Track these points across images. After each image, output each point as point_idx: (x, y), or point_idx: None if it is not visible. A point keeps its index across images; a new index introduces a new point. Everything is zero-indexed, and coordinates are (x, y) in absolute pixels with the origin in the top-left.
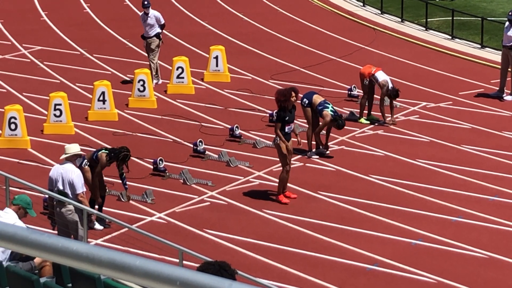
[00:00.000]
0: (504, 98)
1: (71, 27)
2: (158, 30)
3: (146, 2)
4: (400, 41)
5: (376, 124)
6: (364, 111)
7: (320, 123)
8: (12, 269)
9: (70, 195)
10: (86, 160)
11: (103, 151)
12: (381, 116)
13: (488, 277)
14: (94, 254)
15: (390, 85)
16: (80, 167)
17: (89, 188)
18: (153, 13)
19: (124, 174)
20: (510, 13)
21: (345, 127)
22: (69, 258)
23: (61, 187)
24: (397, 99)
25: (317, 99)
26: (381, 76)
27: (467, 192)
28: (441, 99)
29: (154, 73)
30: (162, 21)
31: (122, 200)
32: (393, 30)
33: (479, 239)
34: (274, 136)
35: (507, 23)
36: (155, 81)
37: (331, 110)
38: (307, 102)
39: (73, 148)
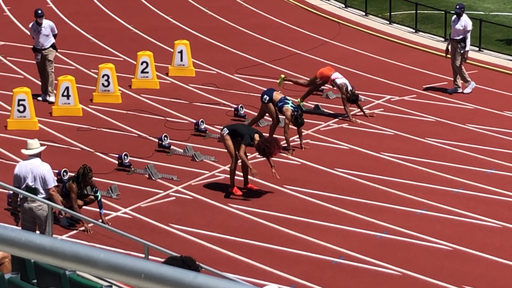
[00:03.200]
0: (464, 92)
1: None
2: (53, 40)
3: (40, 11)
4: (364, 34)
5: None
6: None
7: (285, 122)
8: None
9: (41, 190)
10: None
11: (70, 181)
12: (348, 116)
13: (452, 268)
14: (58, 248)
15: (349, 87)
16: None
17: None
18: (47, 23)
19: (100, 195)
20: (457, 7)
21: (311, 121)
22: (33, 252)
23: (30, 183)
24: (358, 96)
25: (277, 95)
26: (339, 79)
27: (431, 184)
28: (405, 92)
29: (51, 88)
30: (56, 31)
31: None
32: (357, 24)
33: (443, 231)
34: (222, 128)
35: (454, 16)
36: (51, 98)
37: (291, 106)
38: (268, 98)
39: (38, 144)
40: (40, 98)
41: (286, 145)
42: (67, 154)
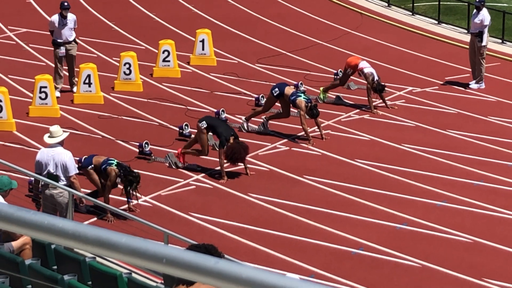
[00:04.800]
0: (470, 85)
1: (56, 9)
2: (75, 34)
3: (66, 4)
4: (386, 25)
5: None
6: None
7: (301, 114)
8: None
9: (62, 177)
10: (92, 165)
11: (114, 165)
12: (370, 106)
13: (472, 261)
14: (80, 232)
15: (376, 77)
16: (84, 168)
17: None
18: (71, 16)
19: (130, 191)
20: (477, 0)
21: (332, 112)
22: (55, 236)
23: (52, 170)
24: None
25: (289, 90)
26: (367, 68)
27: (452, 176)
28: (427, 84)
29: (74, 79)
30: (76, 25)
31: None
32: (380, 15)
33: (464, 223)
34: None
35: (474, 10)
36: (75, 88)
37: (304, 98)
38: (278, 92)
39: (61, 131)
40: (58, 95)
41: (305, 136)
42: (88, 142)
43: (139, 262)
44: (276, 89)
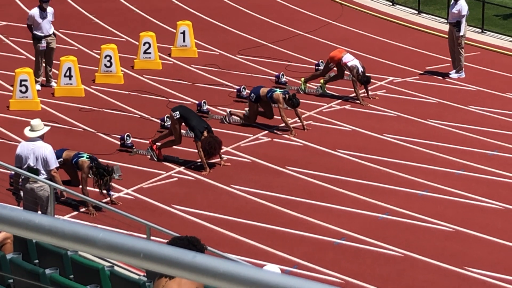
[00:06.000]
0: (450, 75)
1: (36, 2)
2: (53, 26)
3: None
4: (367, 16)
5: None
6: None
7: (279, 107)
8: None
9: (43, 171)
10: (61, 159)
11: (85, 158)
12: (358, 99)
13: (454, 249)
14: (57, 227)
15: (361, 69)
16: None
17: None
18: (50, 9)
19: (102, 184)
20: None
21: (313, 102)
22: (32, 231)
23: (32, 164)
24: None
25: (264, 90)
26: (351, 61)
27: (433, 166)
28: (408, 74)
29: (51, 73)
30: (54, 17)
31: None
32: (360, 5)
33: (445, 212)
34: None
35: (452, 0)
36: (53, 83)
37: (280, 91)
38: (254, 97)
39: (42, 125)
40: (39, 88)
41: (287, 128)
42: (69, 135)
43: (117, 257)
44: (252, 95)
